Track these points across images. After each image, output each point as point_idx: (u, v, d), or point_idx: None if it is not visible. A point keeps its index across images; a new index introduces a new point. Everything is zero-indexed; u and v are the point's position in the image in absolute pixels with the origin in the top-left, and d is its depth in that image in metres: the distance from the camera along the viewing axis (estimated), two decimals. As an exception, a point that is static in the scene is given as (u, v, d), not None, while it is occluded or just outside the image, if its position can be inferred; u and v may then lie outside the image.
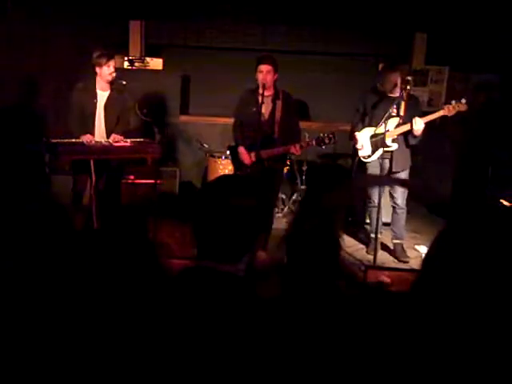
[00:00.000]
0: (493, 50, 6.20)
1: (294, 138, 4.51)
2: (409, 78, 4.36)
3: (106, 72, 4.73)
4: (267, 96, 4.43)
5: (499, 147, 6.04)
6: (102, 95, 4.87)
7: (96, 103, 4.85)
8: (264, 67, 4.31)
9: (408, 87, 4.37)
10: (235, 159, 4.73)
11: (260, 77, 4.33)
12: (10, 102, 5.68)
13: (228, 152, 5.02)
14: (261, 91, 4.39)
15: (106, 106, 4.88)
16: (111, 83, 4.85)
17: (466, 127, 6.08)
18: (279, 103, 4.47)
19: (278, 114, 4.47)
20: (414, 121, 4.42)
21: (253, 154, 4.48)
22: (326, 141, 4.41)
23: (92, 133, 4.82)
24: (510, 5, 5.65)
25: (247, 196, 1.33)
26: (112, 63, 4.75)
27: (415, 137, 4.51)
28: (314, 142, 4.46)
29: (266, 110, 4.46)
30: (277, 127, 4.47)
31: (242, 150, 4.56)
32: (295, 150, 4.42)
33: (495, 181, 5.84)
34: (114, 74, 4.79)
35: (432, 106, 6.46)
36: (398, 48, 6.48)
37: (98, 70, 4.75)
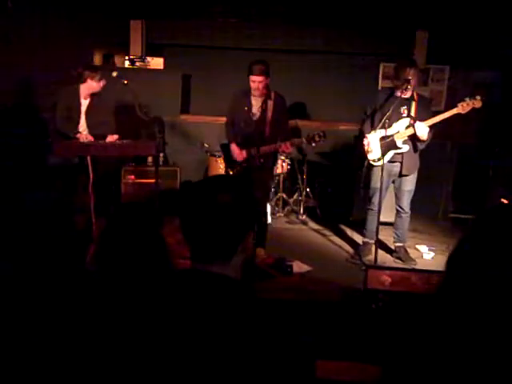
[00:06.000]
0: (493, 48, 6.19)
1: (284, 136, 4.65)
2: (409, 77, 4.34)
3: (93, 85, 5.04)
4: (259, 96, 4.58)
5: (500, 145, 6.03)
6: (84, 103, 5.18)
7: (80, 109, 5.15)
8: (256, 78, 4.46)
9: (409, 86, 4.36)
10: (227, 157, 4.88)
11: (253, 86, 4.50)
12: (9, 102, 5.68)
13: (220, 150, 5.17)
14: (254, 92, 4.56)
15: (86, 113, 5.17)
16: (93, 93, 5.15)
17: (466, 126, 6.08)
18: (270, 103, 4.60)
19: (269, 114, 4.60)
20: (416, 126, 4.36)
21: (244, 152, 4.63)
22: (316, 138, 4.52)
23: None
24: (511, 4, 5.64)
25: (232, 194, 1.34)
26: (97, 77, 5.03)
27: (422, 141, 4.45)
28: (304, 140, 4.58)
29: (257, 109, 4.62)
30: (268, 126, 4.60)
31: (233, 146, 4.70)
32: (286, 147, 4.54)
33: (496, 179, 5.84)
34: (99, 89, 5.10)
35: (433, 106, 6.45)
36: (399, 47, 6.47)
37: (88, 80, 5.04)
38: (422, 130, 4.34)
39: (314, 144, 4.60)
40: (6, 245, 1.53)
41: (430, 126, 4.38)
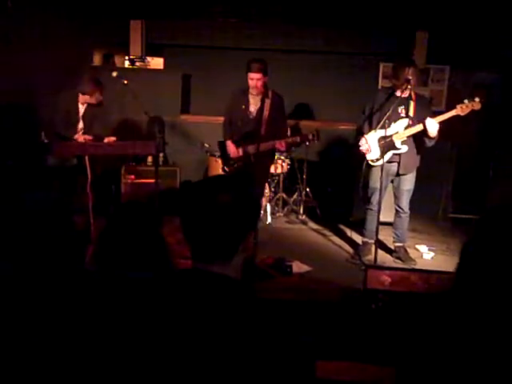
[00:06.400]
0: (494, 49, 6.19)
1: (280, 135, 4.71)
2: (409, 76, 4.34)
3: (90, 100, 5.11)
4: (257, 95, 4.65)
5: (500, 146, 6.03)
6: (81, 107, 5.24)
7: (78, 113, 5.19)
8: (254, 75, 4.52)
9: (409, 86, 4.36)
10: (223, 155, 4.95)
11: (251, 83, 4.57)
12: (8, 102, 5.68)
13: (217, 148, 5.20)
14: (252, 91, 4.64)
15: (83, 117, 5.22)
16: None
17: (466, 126, 6.08)
18: (268, 102, 4.65)
19: (265, 113, 4.65)
20: (427, 123, 4.31)
21: (240, 150, 4.73)
22: (310, 137, 4.59)
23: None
24: (511, 4, 5.64)
25: (232, 195, 1.34)
26: (98, 93, 5.08)
27: (431, 138, 4.40)
28: (298, 139, 4.65)
29: (254, 108, 4.70)
30: (264, 124, 4.64)
31: (229, 143, 4.79)
32: (280, 145, 4.63)
33: (496, 179, 5.83)
34: (94, 103, 5.13)
35: (433, 106, 6.46)
36: (399, 47, 6.47)
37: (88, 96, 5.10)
38: (433, 126, 4.30)
39: (307, 143, 4.72)
40: (6, 245, 1.53)
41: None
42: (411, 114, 4.46)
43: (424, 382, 1.19)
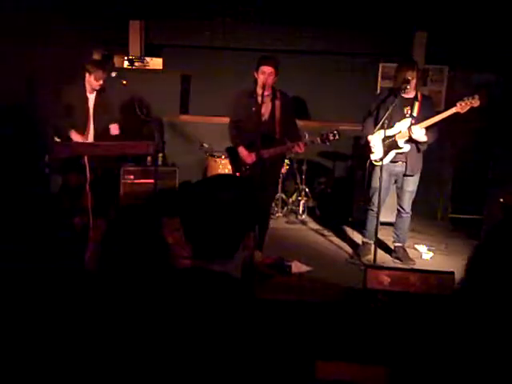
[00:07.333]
0: (493, 49, 6.19)
1: (294, 136, 4.51)
2: (408, 77, 4.35)
3: (91, 81, 5.00)
4: (266, 96, 4.42)
5: (499, 146, 6.03)
6: (91, 97, 5.16)
7: (88, 104, 5.13)
8: (267, 68, 4.30)
9: (408, 87, 4.37)
10: (234, 160, 4.71)
11: (262, 78, 4.31)
12: (9, 102, 5.68)
13: (226, 154, 5.01)
14: (259, 92, 4.40)
15: (94, 108, 5.15)
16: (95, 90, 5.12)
17: (466, 126, 6.08)
18: (278, 103, 4.47)
19: (277, 114, 4.47)
20: (411, 130, 4.39)
21: (253, 154, 4.44)
22: (331, 137, 4.38)
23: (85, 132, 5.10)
24: (510, 4, 5.64)
25: (233, 191, 1.34)
26: (98, 75, 4.96)
27: (421, 143, 4.47)
28: (318, 140, 4.42)
29: (265, 110, 4.45)
30: (277, 127, 4.47)
31: (242, 149, 4.51)
32: (299, 148, 4.38)
33: (495, 179, 5.84)
34: (98, 87, 5.04)
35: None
36: (398, 47, 6.48)
37: (86, 75, 5.02)
38: (417, 132, 4.37)
39: (328, 143, 4.45)
40: (6, 245, 1.53)
41: (430, 126, 4.39)
42: (415, 114, 4.49)
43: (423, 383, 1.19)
